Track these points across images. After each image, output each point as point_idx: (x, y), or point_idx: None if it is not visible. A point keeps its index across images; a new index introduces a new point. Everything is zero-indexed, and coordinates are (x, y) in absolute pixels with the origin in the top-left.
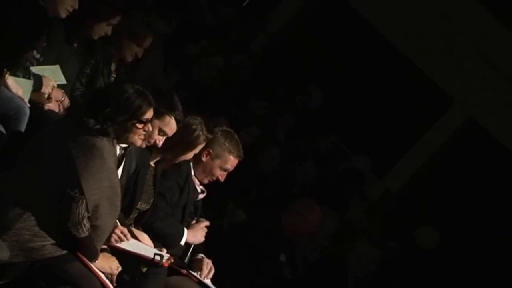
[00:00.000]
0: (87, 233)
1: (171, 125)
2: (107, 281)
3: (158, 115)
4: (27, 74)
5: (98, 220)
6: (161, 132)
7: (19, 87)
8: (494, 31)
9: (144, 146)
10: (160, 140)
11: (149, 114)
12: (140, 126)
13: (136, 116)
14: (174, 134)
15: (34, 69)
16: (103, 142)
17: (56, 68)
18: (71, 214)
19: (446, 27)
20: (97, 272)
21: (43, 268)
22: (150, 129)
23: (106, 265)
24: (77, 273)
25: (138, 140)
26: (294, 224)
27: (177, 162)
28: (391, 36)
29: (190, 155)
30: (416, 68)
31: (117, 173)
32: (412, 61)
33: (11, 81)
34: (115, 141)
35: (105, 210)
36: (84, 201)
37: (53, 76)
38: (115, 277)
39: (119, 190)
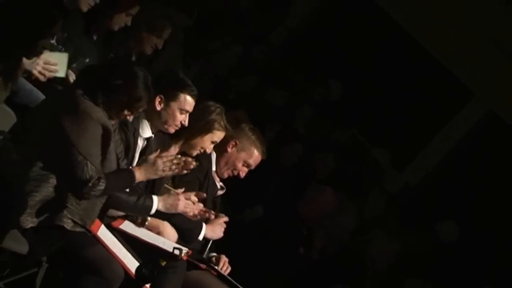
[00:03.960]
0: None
1: (187, 102)
2: (129, 267)
3: (171, 97)
4: None
5: None
6: (183, 111)
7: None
8: None
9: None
10: (184, 120)
11: (144, 107)
12: (127, 113)
13: (131, 104)
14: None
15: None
16: (90, 104)
17: (64, 56)
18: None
19: (465, 19)
20: (118, 257)
21: (61, 256)
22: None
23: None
24: (97, 259)
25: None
26: (311, 210)
27: (195, 151)
28: (411, 28)
29: (207, 142)
30: (436, 61)
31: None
32: (432, 53)
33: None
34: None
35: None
36: (88, 163)
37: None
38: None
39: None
